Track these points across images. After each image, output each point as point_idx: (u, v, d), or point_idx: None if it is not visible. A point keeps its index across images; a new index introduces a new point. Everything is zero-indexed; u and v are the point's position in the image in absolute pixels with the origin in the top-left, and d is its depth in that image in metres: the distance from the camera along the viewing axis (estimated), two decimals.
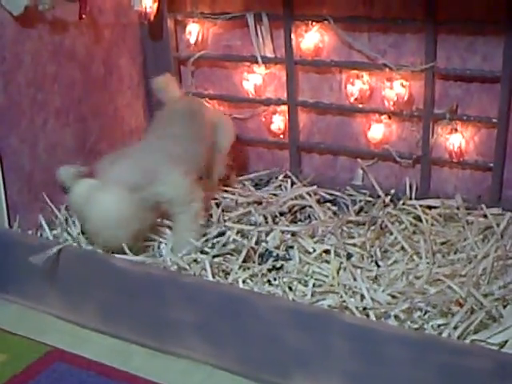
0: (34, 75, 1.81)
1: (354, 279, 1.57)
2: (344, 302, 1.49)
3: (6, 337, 1.62)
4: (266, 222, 1.82)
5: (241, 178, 2.12)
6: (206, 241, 1.73)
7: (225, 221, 1.84)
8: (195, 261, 1.66)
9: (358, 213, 1.89)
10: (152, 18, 2.06)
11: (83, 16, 1.88)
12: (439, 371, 1.26)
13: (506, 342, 1.35)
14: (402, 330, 1.37)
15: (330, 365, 1.36)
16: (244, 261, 1.65)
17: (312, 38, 1.97)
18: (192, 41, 2.13)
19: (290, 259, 1.67)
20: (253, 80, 2.09)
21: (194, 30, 2.13)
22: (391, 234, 1.76)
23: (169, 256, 1.65)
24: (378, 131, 1.97)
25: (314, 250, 1.67)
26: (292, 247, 1.70)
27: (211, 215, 1.85)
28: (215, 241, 1.74)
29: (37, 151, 1.85)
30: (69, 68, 1.92)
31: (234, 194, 2.01)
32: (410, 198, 1.92)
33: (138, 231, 1.64)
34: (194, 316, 1.48)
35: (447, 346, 1.29)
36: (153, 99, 2.24)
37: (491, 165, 1.85)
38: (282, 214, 1.87)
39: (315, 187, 1.98)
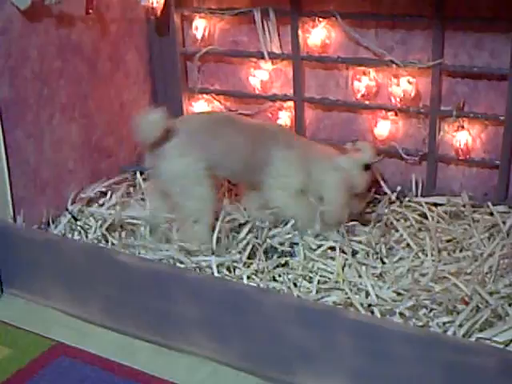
0: (40, 70, 1.81)
1: (359, 276, 1.56)
2: (349, 298, 1.49)
3: (11, 331, 1.62)
4: None
5: None
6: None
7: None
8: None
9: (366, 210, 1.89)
10: (159, 13, 2.06)
11: (90, 11, 1.88)
12: (444, 369, 1.25)
13: None
14: (406, 328, 1.36)
15: (334, 361, 1.36)
16: (249, 257, 1.65)
17: (319, 34, 1.96)
18: (199, 36, 2.13)
19: (294, 255, 1.67)
20: (259, 76, 2.09)
21: (200, 26, 2.12)
22: (397, 231, 1.75)
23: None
24: (384, 128, 1.96)
25: (319, 247, 1.67)
26: (297, 244, 1.70)
27: None
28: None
29: (42, 146, 1.85)
30: (75, 63, 1.92)
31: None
32: (416, 195, 1.91)
33: None
34: (198, 312, 1.48)
35: (452, 343, 1.28)
36: (159, 95, 2.25)
37: (498, 162, 1.85)
38: None
39: None
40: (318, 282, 1.57)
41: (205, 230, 1.70)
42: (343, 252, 1.64)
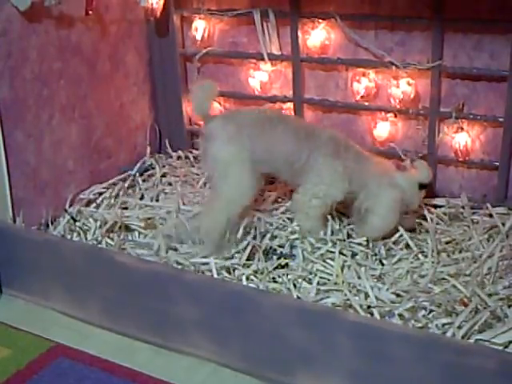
0: (39, 70, 1.81)
1: (359, 277, 1.56)
2: (348, 300, 1.49)
3: (11, 332, 1.62)
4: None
5: None
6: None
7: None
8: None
9: None
10: (158, 14, 2.06)
11: (89, 12, 1.88)
12: (443, 370, 1.25)
13: (511, 341, 1.34)
14: (406, 329, 1.37)
15: (333, 363, 1.36)
16: (248, 258, 1.65)
17: (318, 36, 1.96)
18: (198, 37, 2.13)
19: (293, 257, 1.67)
20: (259, 77, 2.09)
21: (200, 27, 2.12)
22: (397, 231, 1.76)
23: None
24: (383, 129, 1.96)
25: (319, 249, 1.67)
26: (296, 246, 1.70)
27: None
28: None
29: (42, 147, 1.85)
30: (75, 64, 1.92)
31: None
32: None
33: None
34: (197, 313, 1.48)
35: (451, 345, 1.28)
36: (158, 96, 2.24)
37: (497, 164, 1.85)
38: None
39: None
40: (318, 283, 1.57)
41: (226, 222, 1.69)
42: (342, 254, 1.64)
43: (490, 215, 1.81)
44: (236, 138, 1.71)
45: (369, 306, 1.47)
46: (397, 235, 1.73)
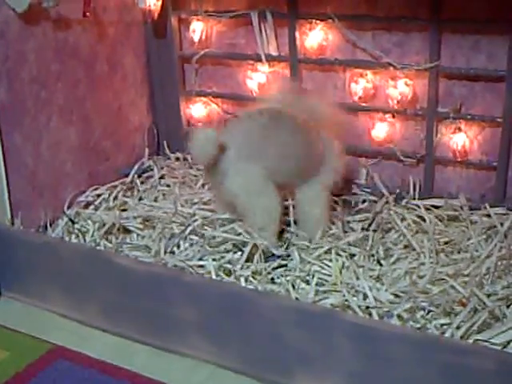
0: (37, 73, 1.81)
1: (357, 278, 1.56)
2: (347, 301, 1.49)
3: (9, 334, 1.62)
4: None
5: None
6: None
7: None
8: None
9: (361, 212, 1.89)
10: (156, 15, 2.06)
11: (87, 14, 1.88)
12: (442, 371, 1.25)
13: (509, 341, 1.35)
14: (404, 330, 1.37)
15: (332, 364, 1.36)
16: (247, 259, 1.65)
17: (316, 37, 1.96)
18: (196, 39, 2.13)
19: (289, 255, 1.67)
20: (257, 78, 2.09)
21: (198, 28, 2.13)
22: (396, 231, 1.76)
23: None
24: (381, 130, 1.97)
25: (316, 249, 1.67)
26: (294, 245, 1.70)
27: None
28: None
29: (40, 149, 1.85)
30: (73, 66, 1.92)
31: None
32: (414, 198, 1.91)
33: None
34: (196, 315, 1.48)
35: (450, 345, 1.28)
36: (156, 98, 2.25)
37: (495, 164, 1.85)
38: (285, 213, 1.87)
39: None
40: (316, 284, 1.57)
41: (271, 239, 1.67)
42: (340, 255, 1.64)
43: (489, 215, 1.81)
44: (245, 156, 1.63)
45: (367, 307, 1.47)
46: (395, 235, 1.74)
